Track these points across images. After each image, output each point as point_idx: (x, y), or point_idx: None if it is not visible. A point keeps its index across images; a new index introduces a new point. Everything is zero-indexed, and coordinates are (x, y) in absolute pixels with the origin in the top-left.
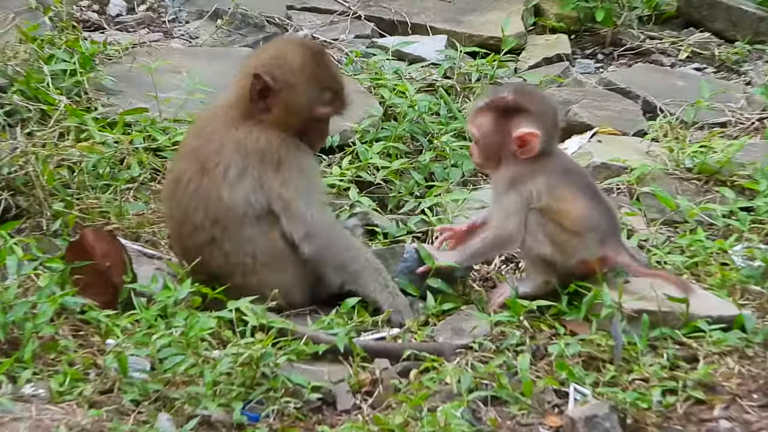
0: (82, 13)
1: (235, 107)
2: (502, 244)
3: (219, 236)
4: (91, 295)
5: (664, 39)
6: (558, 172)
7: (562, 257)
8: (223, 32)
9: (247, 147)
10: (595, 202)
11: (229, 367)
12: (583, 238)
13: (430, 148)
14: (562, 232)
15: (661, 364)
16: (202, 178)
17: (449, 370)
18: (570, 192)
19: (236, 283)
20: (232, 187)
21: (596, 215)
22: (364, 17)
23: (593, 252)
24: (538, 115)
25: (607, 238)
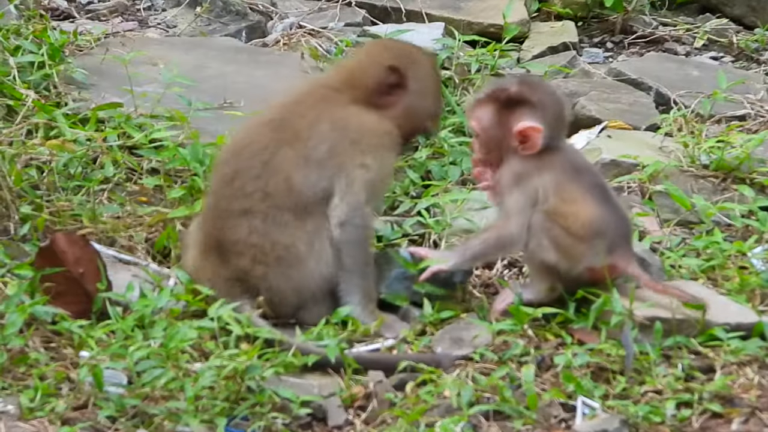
0: (51, 1)
1: (346, 92)
2: (503, 246)
3: (258, 210)
4: (63, 304)
5: (678, 26)
6: (567, 169)
7: (567, 264)
8: (202, 20)
9: (349, 125)
10: (606, 204)
11: (211, 381)
12: (590, 244)
13: (426, 144)
14: (567, 236)
15: (676, 375)
16: (283, 148)
17: (448, 382)
18: (579, 192)
19: (241, 267)
20: (315, 166)
21: (606, 219)
22: (354, 4)
23: (601, 259)
24: (542, 108)
25: (616, 245)
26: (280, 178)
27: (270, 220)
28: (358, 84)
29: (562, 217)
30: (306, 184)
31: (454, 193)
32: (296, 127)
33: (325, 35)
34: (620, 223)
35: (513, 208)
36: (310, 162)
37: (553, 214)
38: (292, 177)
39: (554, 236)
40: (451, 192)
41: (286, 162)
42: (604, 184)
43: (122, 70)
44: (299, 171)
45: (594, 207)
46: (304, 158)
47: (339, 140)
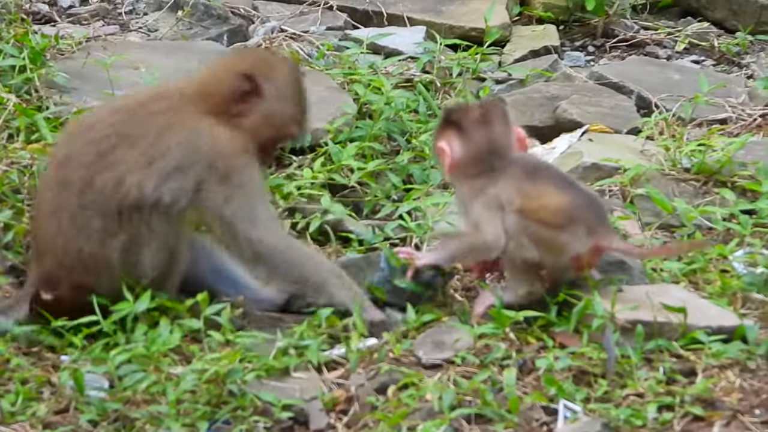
0: (32, 5)
1: (202, 102)
2: (478, 251)
3: (70, 206)
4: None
5: (659, 29)
6: (523, 172)
7: (552, 257)
8: (184, 24)
9: (201, 144)
10: (572, 191)
11: (193, 385)
12: (570, 232)
13: (408, 148)
14: (546, 229)
15: (657, 379)
16: (124, 145)
17: (430, 386)
18: (541, 186)
19: (47, 267)
20: (155, 173)
21: (576, 203)
22: (336, 7)
23: (584, 244)
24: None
25: (594, 225)
26: (111, 174)
27: (79, 223)
28: (213, 93)
29: (534, 212)
30: (138, 188)
31: (435, 196)
32: (144, 127)
33: (306, 39)
34: (591, 204)
35: (479, 218)
36: (151, 168)
37: (526, 212)
38: (125, 177)
39: (533, 233)
40: (432, 196)
41: (124, 160)
42: (565, 174)
43: (104, 74)
44: (135, 174)
45: (560, 195)
46: (146, 162)
47: (189, 157)
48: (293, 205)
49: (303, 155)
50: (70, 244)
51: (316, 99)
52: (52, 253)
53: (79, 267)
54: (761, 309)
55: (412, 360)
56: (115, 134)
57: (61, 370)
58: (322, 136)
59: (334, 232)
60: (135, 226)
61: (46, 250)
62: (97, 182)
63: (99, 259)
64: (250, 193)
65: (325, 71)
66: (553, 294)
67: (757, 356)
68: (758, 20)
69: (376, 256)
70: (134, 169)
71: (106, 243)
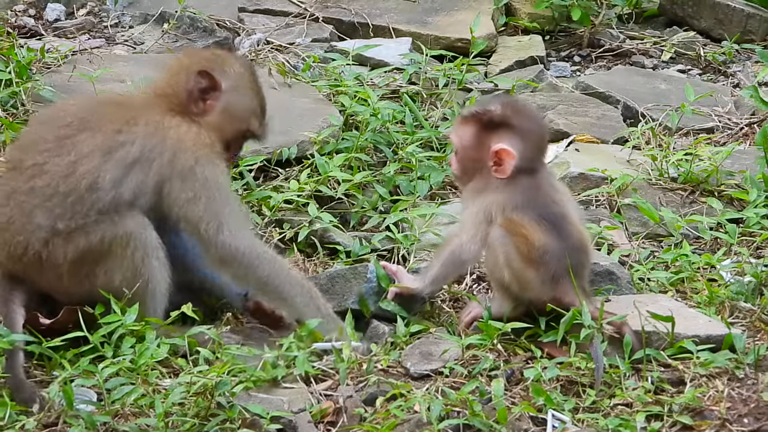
0: (18, 19)
1: (166, 102)
2: (458, 260)
3: (21, 192)
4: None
5: (645, 39)
6: (519, 197)
7: (517, 288)
8: (169, 37)
9: (165, 138)
10: (553, 235)
11: (181, 397)
12: (537, 272)
13: (394, 159)
14: (519, 258)
15: (645, 388)
16: (87, 131)
17: (418, 397)
18: (525, 220)
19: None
20: (114, 163)
21: (551, 249)
22: (321, 19)
23: (545, 291)
24: (522, 133)
25: (560, 277)
26: (65, 159)
27: (26, 212)
28: (173, 94)
29: (515, 235)
30: (92, 176)
31: (422, 208)
32: (108, 118)
33: (292, 51)
34: (568, 255)
35: (467, 220)
36: (110, 158)
37: (507, 229)
38: (79, 163)
39: (507, 254)
40: (419, 207)
41: (82, 146)
42: (557, 215)
43: (90, 87)
44: (91, 160)
45: (541, 235)
46: (105, 151)
47: (152, 150)
48: (280, 217)
49: (290, 167)
50: (18, 238)
51: (302, 111)
52: (4, 245)
53: (33, 269)
54: (749, 318)
55: (400, 371)
56: (78, 121)
57: (50, 385)
58: (309, 147)
59: (322, 244)
60: (89, 231)
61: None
62: (48, 166)
63: (46, 262)
64: (216, 192)
65: (311, 83)
66: (537, 309)
67: (745, 365)
68: (744, 29)
69: (363, 267)
70: (91, 157)
71: (53, 243)
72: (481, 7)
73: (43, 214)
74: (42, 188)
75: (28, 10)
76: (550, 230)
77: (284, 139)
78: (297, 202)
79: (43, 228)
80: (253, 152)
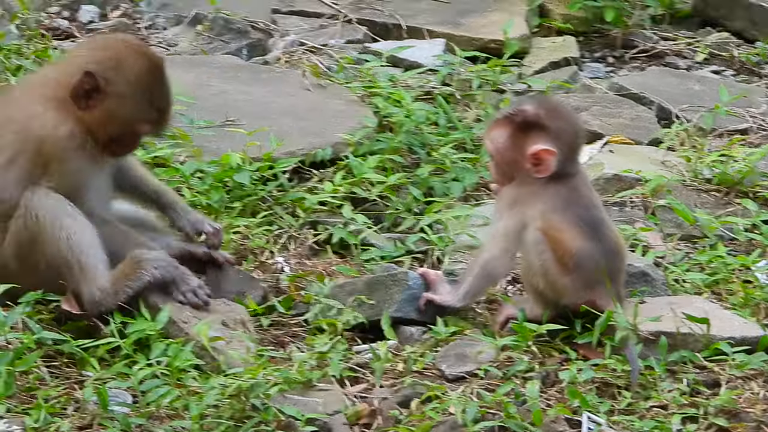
0: (52, 21)
1: (50, 89)
2: (489, 275)
3: None
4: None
5: (679, 40)
6: (557, 200)
7: (552, 295)
8: (203, 39)
9: (31, 130)
10: (591, 239)
11: (216, 399)
12: (572, 278)
13: (428, 160)
14: (554, 264)
15: (681, 390)
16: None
17: (453, 399)
18: (564, 224)
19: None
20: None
21: (588, 255)
22: (355, 21)
23: (580, 296)
24: (558, 133)
25: (596, 282)
26: None
27: None
28: (62, 86)
29: (552, 240)
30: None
31: (456, 209)
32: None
33: (326, 52)
34: (604, 259)
35: (499, 232)
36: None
37: (544, 234)
38: None
39: (544, 261)
40: (453, 208)
41: None
42: (595, 219)
43: None
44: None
45: (578, 239)
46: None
47: (20, 148)
48: (315, 219)
49: (324, 169)
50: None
51: (336, 112)
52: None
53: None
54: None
55: (435, 373)
56: None
57: (84, 386)
58: (343, 149)
59: (356, 246)
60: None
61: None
62: None
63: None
64: (62, 181)
65: (345, 84)
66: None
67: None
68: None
69: (403, 274)
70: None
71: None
72: (515, 8)
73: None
74: None
75: (62, 12)
76: (588, 234)
77: (318, 141)
78: (331, 204)
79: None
80: (287, 154)
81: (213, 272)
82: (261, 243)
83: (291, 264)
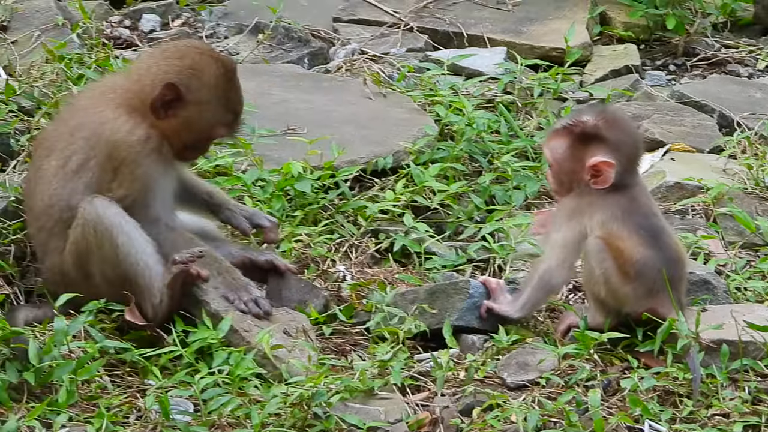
0: (113, 30)
1: (120, 97)
2: (547, 286)
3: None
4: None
5: (740, 47)
6: (617, 210)
7: (614, 303)
8: (264, 47)
9: (102, 135)
10: (652, 248)
11: (277, 408)
12: (633, 287)
13: (490, 169)
14: (616, 273)
15: (743, 398)
16: (48, 158)
17: (515, 407)
18: (625, 232)
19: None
20: (66, 179)
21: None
22: (416, 29)
23: (642, 304)
24: (616, 145)
25: (658, 290)
26: (43, 189)
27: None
28: (138, 94)
29: (613, 249)
30: (62, 198)
31: (518, 217)
32: (61, 133)
33: (387, 61)
34: (666, 267)
35: (557, 242)
36: (63, 174)
37: (606, 243)
38: (48, 190)
39: (605, 270)
40: (515, 216)
41: (48, 174)
42: (655, 227)
43: None
44: (54, 182)
45: (639, 247)
46: (58, 171)
47: (90, 152)
48: (376, 227)
49: (385, 177)
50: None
51: (397, 120)
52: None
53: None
54: None
55: (496, 381)
56: (44, 141)
57: (146, 395)
58: (404, 157)
59: (417, 254)
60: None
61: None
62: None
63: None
64: (132, 186)
65: (406, 93)
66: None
67: None
68: None
69: (464, 283)
70: (50, 179)
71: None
72: (576, 16)
73: (44, 235)
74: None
75: (124, 21)
76: (648, 242)
77: (380, 149)
78: (392, 212)
79: (46, 245)
80: (348, 162)
81: (275, 281)
82: (322, 251)
83: (352, 272)
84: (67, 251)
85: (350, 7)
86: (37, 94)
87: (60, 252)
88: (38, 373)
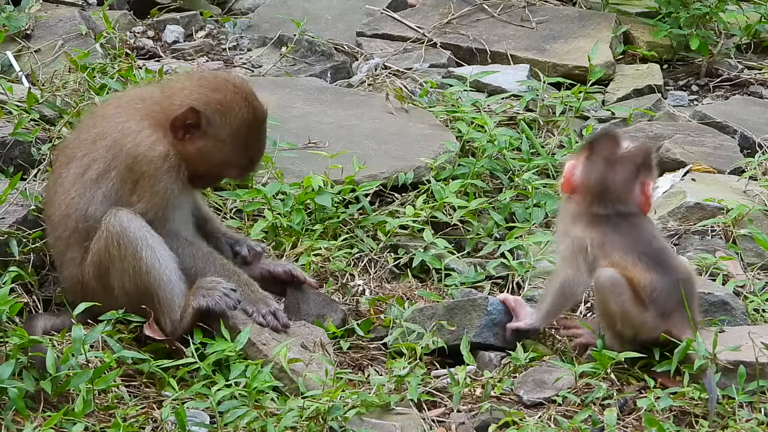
0: (136, 40)
1: (146, 109)
2: (568, 292)
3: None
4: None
5: (764, 69)
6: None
7: (631, 332)
8: (287, 60)
9: (123, 146)
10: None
11: (294, 421)
12: (646, 313)
13: (510, 186)
14: (631, 305)
15: (759, 420)
16: (68, 166)
17: (531, 425)
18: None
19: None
20: (84, 187)
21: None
22: (439, 45)
23: (658, 329)
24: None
25: (671, 312)
26: (60, 198)
27: (53, 242)
28: (164, 109)
29: (628, 279)
30: (80, 207)
31: (537, 235)
32: (83, 140)
33: (410, 76)
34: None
35: (566, 254)
36: (82, 183)
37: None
38: (65, 200)
39: (620, 303)
40: (534, 234)
41: (66, 182)
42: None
43: None
44: (72, 191)
45: (646, 273)
46: (76, 180)
47: (111, 163)
48: (396, 242)
49: (406, 192)
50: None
51: (418, 136)
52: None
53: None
54: None
55: (513, 398)
56: (65, 149)
57: (163, 406)
58: (425, 173)
59: (436, 270)
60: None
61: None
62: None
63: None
64: (151, 200)
65: (428, 108)
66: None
67: None
68: None
69: (483, 299)
70: (68, 187)
71: (80, 269)
72: (600, 35)
73: (61, 245)
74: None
75: (147, 31)
76: (653, 266)
77: (400, 165)
78: (412, 228)
79: (64, 255)
80: (369, 177)
81: (293, 294)
82: (341, 266)
83: (371, 287)
84: (89, 262)
85: (374, 22)
86: (60, 103)
87: (78, 263)
88: (55, 382)
